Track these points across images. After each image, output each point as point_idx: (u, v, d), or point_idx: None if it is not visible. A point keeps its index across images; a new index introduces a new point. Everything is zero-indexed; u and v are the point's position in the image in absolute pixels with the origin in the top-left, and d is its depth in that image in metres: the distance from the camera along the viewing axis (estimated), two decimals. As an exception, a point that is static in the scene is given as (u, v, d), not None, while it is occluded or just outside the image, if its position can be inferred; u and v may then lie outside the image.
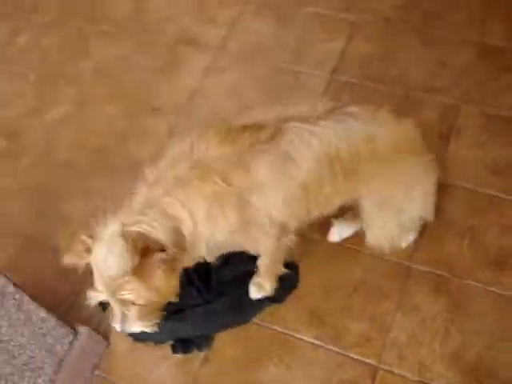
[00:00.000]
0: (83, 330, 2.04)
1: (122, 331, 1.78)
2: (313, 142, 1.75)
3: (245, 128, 1.74)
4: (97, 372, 2.13)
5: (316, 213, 1.95)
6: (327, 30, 2.83)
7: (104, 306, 1.97)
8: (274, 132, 1.74)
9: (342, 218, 2.22)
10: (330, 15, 2.88)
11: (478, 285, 2.09)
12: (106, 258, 1.65)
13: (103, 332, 2.17)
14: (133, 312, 1.74)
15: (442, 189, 2.20)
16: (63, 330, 1.95)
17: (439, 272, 2.14)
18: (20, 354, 1.77)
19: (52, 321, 1.88)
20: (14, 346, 1.75)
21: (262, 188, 1.77)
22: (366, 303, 2.12)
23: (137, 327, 1.77)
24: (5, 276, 1.68)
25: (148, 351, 2.13)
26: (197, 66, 2.84)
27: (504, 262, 2.12)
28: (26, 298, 1.76)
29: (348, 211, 2.18)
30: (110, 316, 1.77)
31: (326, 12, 2.89)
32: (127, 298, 1.67)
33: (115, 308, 1.73)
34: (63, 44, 3.08)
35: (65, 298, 2.21)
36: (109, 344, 2.17)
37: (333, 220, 2.22)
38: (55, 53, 3.06)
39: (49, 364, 1.91)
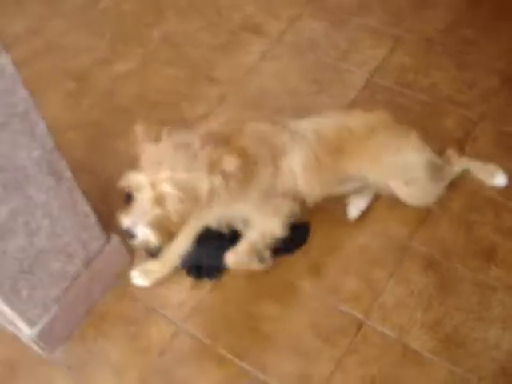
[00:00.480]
0: (115, 238, 2.34)
1: (128, 227, 1.87)
2: (310, 127, 2.20)
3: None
4: (117, 282, 2.42)
5: (327, 189, 2.31)
6: (374, 38, 3.15)
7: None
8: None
9: (356, 195, 2.51)
10: (379, 28, 3.20)
11: (466, 270, 2.33)
12: (177, 151, 1.81)
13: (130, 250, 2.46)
14: (155, 215, 1.84)
15: (451, 185, 2.50)
16: (99, 232, 2.24)
17: (433, 253, 2.38)
18: (60, 235, 2.06)
19: (92, 218, 2.18)
20: (60, 227, 2.04)
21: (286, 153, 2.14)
22: (363, 267, 2.37)
23: (142, 231, 1.86)
24: (64, 160, 1.96)
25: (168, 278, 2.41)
26: (254, 49, 3.17)
27: (492, 256, 2.36)
28: (78, 190, 2.06)
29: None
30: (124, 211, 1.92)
31: (375, 24, 3.22)
32: (165, 191, 1.79)
33: (140, 201, 1.84)
34: (140, 11, 3.46)
35: (104, 217, 2.48)
36: (133, 260, 2.46)
37: (347, 198, 2.51)
38: (131, 17, 3.43)
39: (80, 258, 2.20)
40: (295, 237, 2.42)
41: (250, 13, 3.37)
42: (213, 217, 2.25)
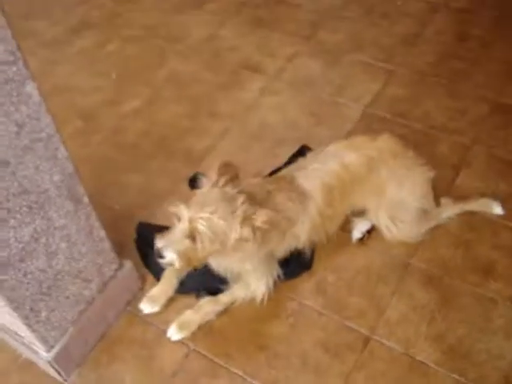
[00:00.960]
0: (128, 263, 2.43)
1: (159, 248, 2.09)
2: (315, 180, 2.41)
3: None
4: (128, 308, 2.49)
5: (329, 231, 2.53)
6: (367, 73, 3.33)
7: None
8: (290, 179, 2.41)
9: (359, 218, 2.63)
10: (372, 63, 3.39)
11: (466, 285, 2.42)
12: (223, 201, 2.10)
13: (140, 276, 2.54)
14: (185, 245, 2.09)
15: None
16: (113, 256, 2.33)
17: (433, 270, 2.48)
18: (78, 260, 2.15)
19: (107, 243, 2.28)
20: (76, 251, 2.13)
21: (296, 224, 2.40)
22: (366, 285, 2.46)
23: (170, 256, 2.10)
24: (82, 186, 2.07)
25: (175, 299, 2.49)
26: (254, 86, 3.35)
27: (490, 271, 2.45)
28: (94, 214, 2.16)
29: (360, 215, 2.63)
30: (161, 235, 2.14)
31: (369, 60, 3.41)
32: (199, 228, 2.05)
33: (176, 230, 2.09)
34: (144, 55, 3.65)
35: (115, 246, 2.57)
36: (143, 286, 2.54)
37: (351, 221, 2.63)
38: (136, 60, 3.62)
39: (95, 282, 2.29)
40: (300, 262, 2.53)
41: (248, 53, 3.56)
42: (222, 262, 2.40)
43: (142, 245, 2.66)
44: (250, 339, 2.35)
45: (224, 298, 2.41)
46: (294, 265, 2.52)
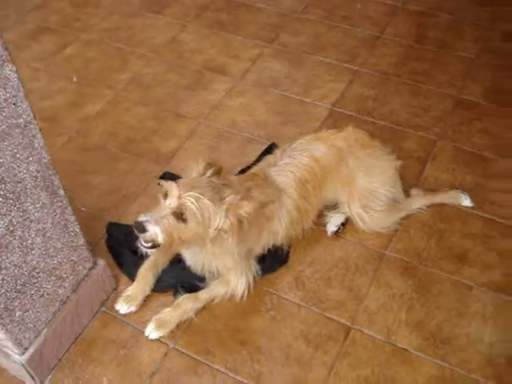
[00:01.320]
0: (101, 262, 2.35)
1: (142, 221, 2.03)
2: (288, 175, 2.42)
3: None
4: (103, 308, 2.41)
5: (305, 225, 2.55)
6: (332, 74, 3.38)
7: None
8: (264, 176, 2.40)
9: (333, 211, 2.64)
10: (335, 64, 3.44)
11: (441, 273, 2.47)
12: (213, 187, 2.10)
13: (114, 276, 2.46)
14: (170, 221, 2.04)
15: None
16: (87, 254, 2.25)
17: (408, 260, 2.52)
18: (53, 256, 2.06)
19: (81, 239, 2.19)
20: (51, 246, 2.05)
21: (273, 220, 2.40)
22: (343, 277, 2.47)
23: (155, 233, 2.03)
24: (58, 177, 1.99)
25: (151, 297, 2.42)
26: (219, 87, 3.34)
27: (464, 258, 2.51)
28: (69, 208, 2.08)
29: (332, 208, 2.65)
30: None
31: (332, 61, 3.46)
32: (188, 205, 2.02)
33: (163, 206, 2.04)
34: (105, 58, 3.58)
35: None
36: (117, 287, 2.46)
37: (325, 215, 2.64)
38: (97, 64, 3.54)
39: (69, 281, 2.20)
40: (277, 258, 2.51)
41: (212, 55, 3.55)
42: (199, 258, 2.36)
43: (113, 245, 2.59)
44: (230, 335, 2.31)
45: (203, 295, 2.36)
46: (271, 260, 2.50)
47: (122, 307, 2.36)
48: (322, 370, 2.20)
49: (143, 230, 2.04)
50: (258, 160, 2.74)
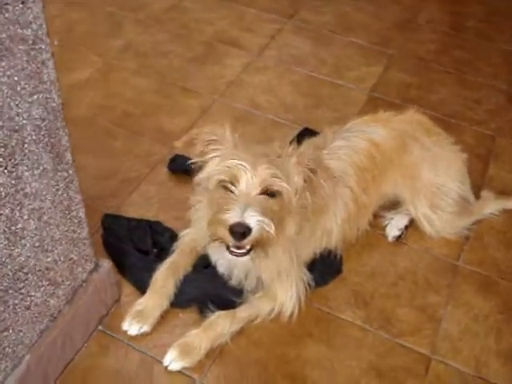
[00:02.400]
0: (106, 263, 1.73)
1: (238, 222, 1.50)
2: (343, 160, 1.91)
3: None
4: (100, 327, 1.78)
5: (360, 226, 2.03)
6: (364, 56, 2.91)
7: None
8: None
9: (393, 211, 2.14)
10: (367, 46, 2.97)
11: (527, 290, 1.99)
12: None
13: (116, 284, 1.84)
14: (266, 202, 1.55)
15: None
16: (89, 251, 1.63)
17: (486, 273, 2.05)
18: (48, 251, 1.44)
19: (86, 230, 1.58)
20: (48, 236, 1.42)
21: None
22: (413, 293, 1.97)
23: (256, 222, 1.51)
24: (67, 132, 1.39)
25: (170, 314, 1.82)
26: (234, 62, 2.80)
27: (549, 272, 2.05)
28: (76, 182, 1.47)
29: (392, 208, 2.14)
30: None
31: (363, 43, 2.99)
32: (271, 172, 1.54)
33: (242, 191, 1.55)
34: (92, 21, 2.97)
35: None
36: (119, 298, 1.84)
37: (384, 218, 2.15)
38: (82, 26, 2.92)
39: (65, 288, 1.57)
40: (329, 266, 1.97)
41: (222, 27, 3.01)
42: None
43: (113, 242, 1.97)
44: (276, 366, 1.74)
45: (243, 313, 1.78)
46: (322, 269, 1.96)
47: (132, 327, 1.74)
48: (403, 415, 1.66)
49: (248, 229, 1.51)
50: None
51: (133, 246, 1.95)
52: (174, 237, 1.98)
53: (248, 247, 1.57)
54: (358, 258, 2.04)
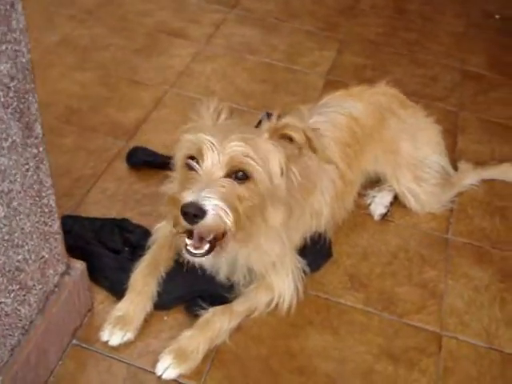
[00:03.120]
0: (79, 265, 1.49)
1: (193, 201, 1.28)
2: (323, 135, 1.71)
3: None
4: (74, 340, 1.53)
5: (347, 206, 1.90)
6: (315, 42, 2.81)
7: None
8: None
9: (376, 189, 2.03)
10: (315, 32, 2.88)
11: (522, 257, 1.93)
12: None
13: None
14: (230, 187, 1.34)
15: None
16: (61, 249, 1.39)
17: (478, 244, 1.97)
18: (18, 246, 1.20)
19: (57, 222, 1.34)
20: (18, 228, 1.18)
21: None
22: (409, 270, 1.86)
23: (213, 205, 1.29)
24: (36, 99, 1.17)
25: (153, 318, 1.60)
26: (182, 52, 2.62)
27: (538, 236, 2.01)
28: (46, 161, 1.24)
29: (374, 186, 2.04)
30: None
31: (310, 29, 2.90)
32: (242, 151, 1.33)
33: (206, 170, 1.34)
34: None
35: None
36: (92, 307, 1.60)
37: (367, 196, 2.04)
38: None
39: (36, 293, 1.32)
40: (320, 250, 1.82)
41: (164, 18, 2.82)
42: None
43: (78, 244, 1.70)
44: (282, 362, 1.56)
45: (240, 308, 1.59)
46: (313, 254, 1.79)
47: (114, 336, 1.50)
48: (425, 398, 1.52)
49: (201, 211, 1.28)
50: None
51: (102, 247, 1.71)
52: (146, 233, 1.76)
53: (206, 247, 1.36)
54: (347, 240, 1.90)
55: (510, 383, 1.58)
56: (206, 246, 1.37)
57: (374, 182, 2.03)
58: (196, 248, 1.37)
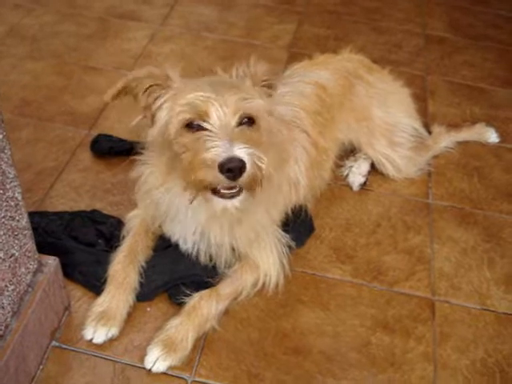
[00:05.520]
0: (51, 261, 1.38)
1: (239, 161, 1.23)
2: (293, 105, 1.72)
3: None
4: (54, 342, 1.43)
5: (324, 175, 1.85)
6: (274, 16, 2.74)
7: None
8: None
9: (351, 159, 1.98)
10: (272, 6, 2.81)
11: (503, 215, 1.92)
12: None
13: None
14: (248, 133, 1.31)
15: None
16: (31, 245, 1.29)
17: (460, 205, 1.94)
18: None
19: (25, 216, 1.24)
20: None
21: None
22: (394, 237, 1.82)
23: (250, 155, 1.25)
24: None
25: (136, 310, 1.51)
26: (137, 35, 2.51)
27: (517, 194, 1.99)
28: (8, 152, 1.13)
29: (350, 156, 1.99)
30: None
31: (267, 3, 2.82)
32: (243, 96, 1.31)
33: (219, 124, 1.28)
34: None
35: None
36: (69, 305, 1.50)
37: (344, 167, 1.98)
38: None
39: (9, 294, 1.22)
40: (301, 225, 1.76)
41: (114, 2, 2.69)
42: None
43: (48, 242, 1.60)
44: (275, 343, 1.50)
45: (226, 290, 1.52)
46: (297, 230, 1.73)
47: (98, 333, 1.42)
48: (425, 365, 1.48)
49: (243, 163, 1.24)
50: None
51: (74, 241, 1.61)
52: (119, 222, 1.67)
53: (239, 186, 1.30)
54: (328, 213, 1.85)
55: (507, 342, 1.55)
56: (238, 186, 1.30)
57: (350, 152, 1.98)
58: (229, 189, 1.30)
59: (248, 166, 1.24)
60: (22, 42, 2.39)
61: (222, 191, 1.29)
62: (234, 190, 1.29)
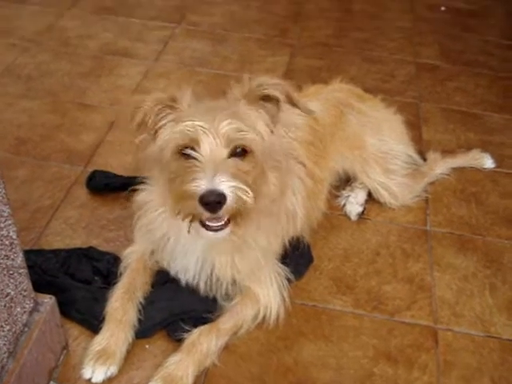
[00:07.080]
0: (48, 300, 1.36)
1: (218, 195, 1.24)
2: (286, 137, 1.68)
3: None
4: (51, 383, 1.40)
5: (321, 205, 1.84)
6: (267, 49, 2.78)
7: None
8: None
9: (348, 189, 1.97)
10: (265, 39, 2.85)
11: (503, 240, 1.91)
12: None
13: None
14: (236, 165, 1.29)
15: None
16: (27, 284, 1.27)
17: (458, 232, 1.93)
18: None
19: (20, 255, 1.22)
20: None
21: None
22: (393, 266, 1.80)
23: (230, 187, 1.25)
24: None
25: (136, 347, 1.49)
26: (131, 71, 2.54)
27: (515, 219, 1.99)
28: (1, 185, 1.13)
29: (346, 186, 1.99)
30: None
31: (260, 37, 2.87)
32: (235, 127, 1.28)
33: (206, 154, 1.27)
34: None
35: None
36: (66, 344, 1.48)
37: (341, 197, 1.98)
38: None
39: (5, 334, 1.20)
40: (300, 257, 1.75)
41: (108, 40, 2.73)
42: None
43: (44, 280, 1.58)
44: (278, 377, 1.48)
45: (226, 325, 1.50)
46: (295, 261, 1.71)
47: (97, 372, 1.39)
48: (430, 396, 1.45)
49: (223, 196, 1.24)
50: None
51: (70, 279, 1.59)
52: (116, 259, 1.65)
53: (226, 218, 1.30)
54: (327, 243, 1.84)
55: (509, 367, 1.54)
56: (223, 221, 1.30)
57: (346, 182, 1.98)
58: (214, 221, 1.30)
59: (229, 199, 1.23)
60: (17, 80, 2.41)
61: (208, 223, 1.29)
62: (220, 223, 1.29)
